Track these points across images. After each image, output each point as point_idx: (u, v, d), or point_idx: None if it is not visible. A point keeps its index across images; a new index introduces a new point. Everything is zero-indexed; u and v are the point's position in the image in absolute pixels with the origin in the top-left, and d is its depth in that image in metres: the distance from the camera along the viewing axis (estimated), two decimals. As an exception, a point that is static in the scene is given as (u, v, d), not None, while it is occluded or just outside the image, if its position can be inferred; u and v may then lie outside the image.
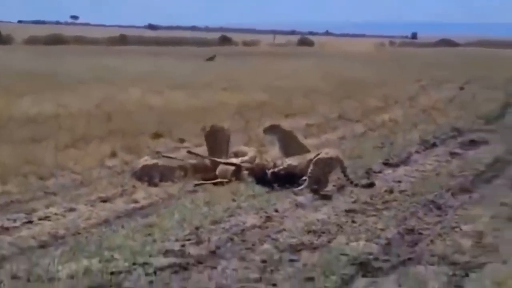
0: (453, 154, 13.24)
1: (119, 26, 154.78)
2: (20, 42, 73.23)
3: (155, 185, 10.32)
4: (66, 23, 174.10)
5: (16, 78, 25.76)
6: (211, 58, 45.27)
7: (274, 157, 11.20)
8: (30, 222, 8.35)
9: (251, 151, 11.33)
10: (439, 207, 9.20)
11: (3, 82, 23.92)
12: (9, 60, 36.85)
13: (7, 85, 22.66)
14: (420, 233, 8.06)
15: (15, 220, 8.36)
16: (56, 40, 75.47)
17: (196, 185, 10.25)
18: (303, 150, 11.02)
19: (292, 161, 10.44)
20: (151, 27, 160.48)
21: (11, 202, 9.25)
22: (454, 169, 11.80)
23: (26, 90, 21.40)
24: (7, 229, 8.05)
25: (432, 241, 7.71)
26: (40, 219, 8.48)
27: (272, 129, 11.65)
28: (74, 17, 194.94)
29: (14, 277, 6.39)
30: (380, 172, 11.52)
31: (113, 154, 12.36)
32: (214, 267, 6.79)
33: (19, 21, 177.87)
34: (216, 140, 11.67)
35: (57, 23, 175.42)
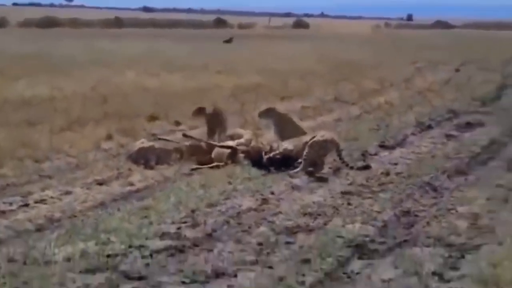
0: (448, 136, 13.26)
1: (114, 9, 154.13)
2: (15, 25, 72.87)
3: (151, 168, 10.31)
4: (61, 6, 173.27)
5: (10, 61, 25.63)
6: (228, 40, 44.95)
7: (270, 140, 11.21)
8: (26, 205, 8.35)
9: (246, 134, 11.32)
10: (435, 189, 9.22)
11: (-3, 65, 23.81)
12: (4, 43, 36.68)
13: (2, 68, 22.55)
14: (416, 215, 8.08)
15: (11, 204, 8.36)
16: (50, 23, 75.15)
17: (192, 169, 10.24)
18: (299, 132, 11.03)
19: (288, 144, 10.43)
20: (146, 9, 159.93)
21: (7, 186, 9.24)
22: (450, 151, 11.82)
23: (21, 73, 21.31)
24: (3, 212, 8.05)
25: (428, 223, 7.73)
26: (36, 202, 8.48)
27: (268, 113, 11.65)
28: (69, 0, 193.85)
29: (11, 260, 6.39)
30: (376, 154, 11.53)
31: (109, 137, 12.33)
32: (210, 250, 6.80)
33: (14, 4, 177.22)
34: (218, 121, 11.74)
35: (52, 5, 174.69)
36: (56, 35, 51.08)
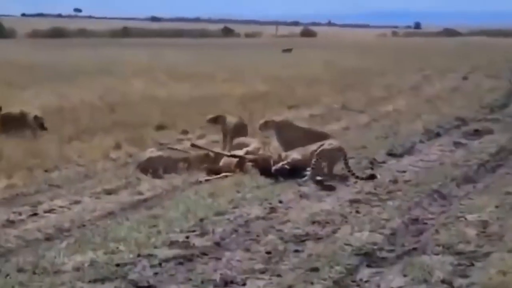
0: (457, 144, 13.22)
1: (122, 19, 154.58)
2: (23, 35, 73.28)
3: (160, 177, 10.33)
4: (69, 16, 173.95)
5: (19, 71, 25.79)
6: (288, 50, 44.82)
7: (277, 148, 11.23)
8: (36, 215, 8.39)
9: (254, 142, 11.35)
10: (443, 197, 9.20)
11: (6, 75, 23.94)
12: (12, 53, 36.89)
13: (11, 78, 22.68)
14: (425, 223, 8.06)
15: (20, 213, 8.40)
16: (59, 33, 75.63)
17: (201, 182, 10.19)
18: (301, 132, 11.11)
19: (296, 154, 10.43)
20: (154, 19, 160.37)
21: (16, 195, 9.28)
22: (458, 158, 11.79)
23: (30, 83, 21.43)
24: (12, 222, 8.09)
25: (437, 230, 7.70)
26: (45, 211, 8.52)
27: (266, 125, 11.71)
28: (78, 10, 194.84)
29: (20, 270, 6.40)
30: (384, 162, 11.50)
31: (117, 146, 12.38)
32: (219, 258, 6.80)
33: (22, 14, 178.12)
34: (243, 132, 12.11)
35: (60, 16, 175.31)
36: (64, 45, 51.30)
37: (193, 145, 11.49)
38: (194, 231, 7.62)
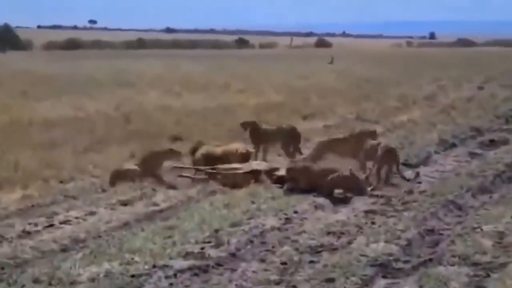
0: (472, 154, 13.18)
1: (137, 30, 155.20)
2: (40, 47, 73.67)
3: (174, 187, 10.35)
4: (85, 28, 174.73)
5: (35, 82, 25.92)
6: (331, 62, 44.54)
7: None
8: (51, 225, 8.42)
9: (241, 148, 11.39)
10: (459, 208, 9.16)
11: (22, 87, 24.07)
12: (29, 65, 37.07)
13: (27, 90, 22.81)
14: (441, 234, 8.04)
15: (36, 224, 8.43)
16: (74, 45, 75.94)
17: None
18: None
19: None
20: (169, 30, 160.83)
21: (32, 206, 9.32)
22: (474, 169, 11.72)
23: (45, 94, 21.54)
24: (28, 233, 8.12)
25: (452, 241, 7.67)
26: (61, 222, 8.55)
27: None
28: (93, 22, 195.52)
29: (36, 281, 6.43)
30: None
31: (132, 157, 12.38)
32: (234, 269, 6.80)
33: (38, 26, 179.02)
34: (295, 139, 12.51)
35: (75, 27, 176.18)
36: (79, 56, 51.53)
37: (176, 168, 11.39)
38: (209, 242, 7.62)
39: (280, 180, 10.36)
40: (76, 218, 8.74)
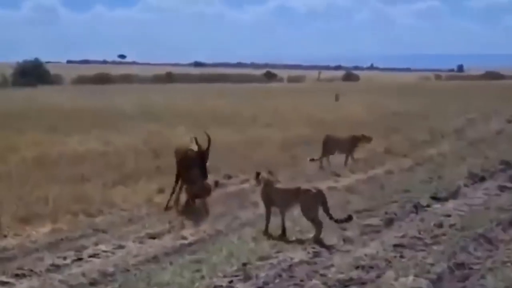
0: (502, 188, 13.07)
1: (166, 64, 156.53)
2: (69, 82, 74.56)
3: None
4: (114, 62, 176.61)
5: (65, 117, 26.17)
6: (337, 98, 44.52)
7: None
8: (80, 259, 8.45)
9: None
10: (489, 241, 9.07)
11: (51, 121, 24.32)
12: (58, 100, 37.48)
13: (56, 124, 23.03)
14: (471, 268, 7.96)
15: (65, 258, 8.47)
16: (103, 79, 76.80)
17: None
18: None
19: None
20: (197, 64, 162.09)
21: (61, 240, 9.36)
22: (504, 202, 11.63)
23: (75, 128, 21.72)
24: (57, 266, 8.15)
25: (483, 276, 7.59)
26: (89, 256, 8.58)
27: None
28: (122, 56, 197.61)
29: (65, 314, 6.45)
30: (428, 206, 11.40)
31: (161, 191, 12.44)
32: (263, 303, 6.78)
33: (68, 61, 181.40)
34: None
35: (105, 62, 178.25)
36: (109, 91, 52.01)
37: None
38: (237, 275, 7.61)
39: None
40: (105, 251, 8.78)
